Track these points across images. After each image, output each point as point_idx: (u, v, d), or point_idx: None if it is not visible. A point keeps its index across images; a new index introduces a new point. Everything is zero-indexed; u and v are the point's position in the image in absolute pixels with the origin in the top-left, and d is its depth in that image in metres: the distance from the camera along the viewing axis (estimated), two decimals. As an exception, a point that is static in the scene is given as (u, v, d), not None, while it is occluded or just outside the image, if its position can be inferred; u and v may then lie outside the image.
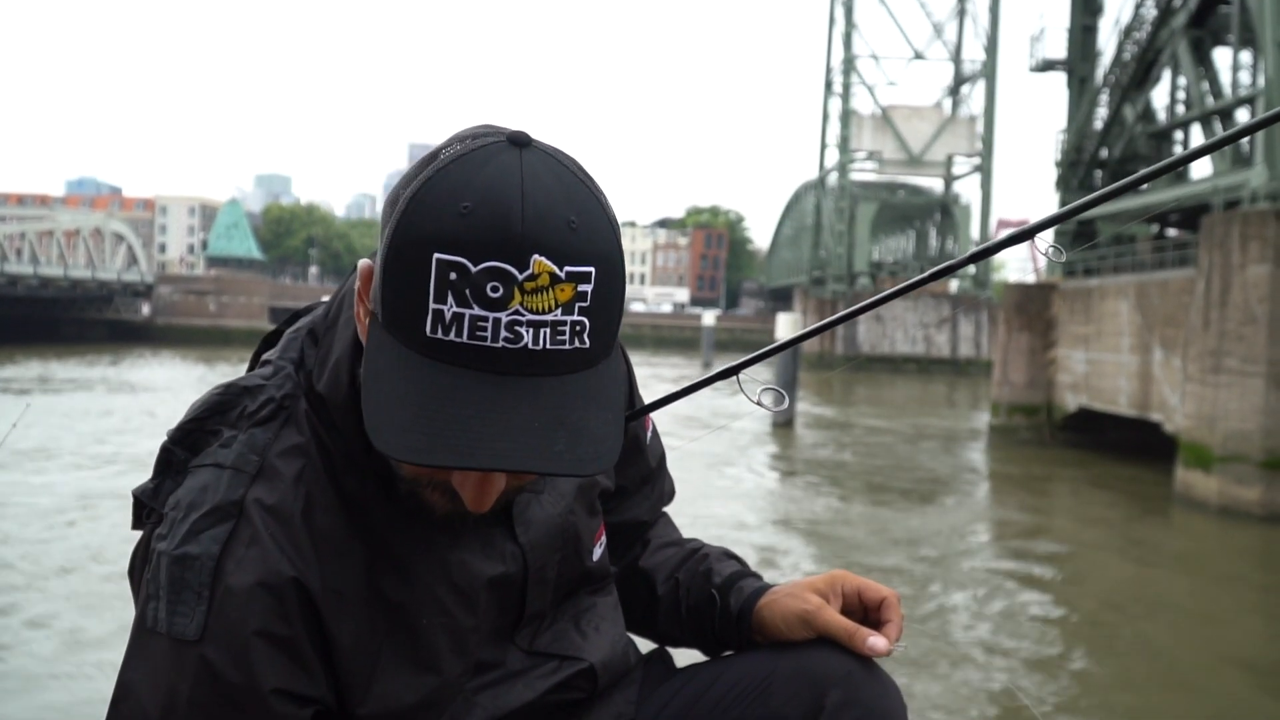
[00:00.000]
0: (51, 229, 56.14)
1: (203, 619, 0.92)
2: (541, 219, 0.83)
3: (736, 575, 1.25)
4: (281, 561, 0.95)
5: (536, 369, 0.84)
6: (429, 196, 0.84)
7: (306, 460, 1.00)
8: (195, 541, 0.95)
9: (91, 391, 27.57)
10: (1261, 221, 15.08)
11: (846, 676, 1.14)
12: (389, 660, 1.00)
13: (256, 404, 1.03)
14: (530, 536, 1.09)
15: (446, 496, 0.95)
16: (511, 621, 1.10)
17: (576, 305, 0.84)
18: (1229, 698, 7.76)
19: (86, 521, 11.13)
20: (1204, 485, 15.36)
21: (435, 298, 0.82)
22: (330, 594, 0.97)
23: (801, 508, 14.66)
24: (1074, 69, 27.35)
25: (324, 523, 0.99)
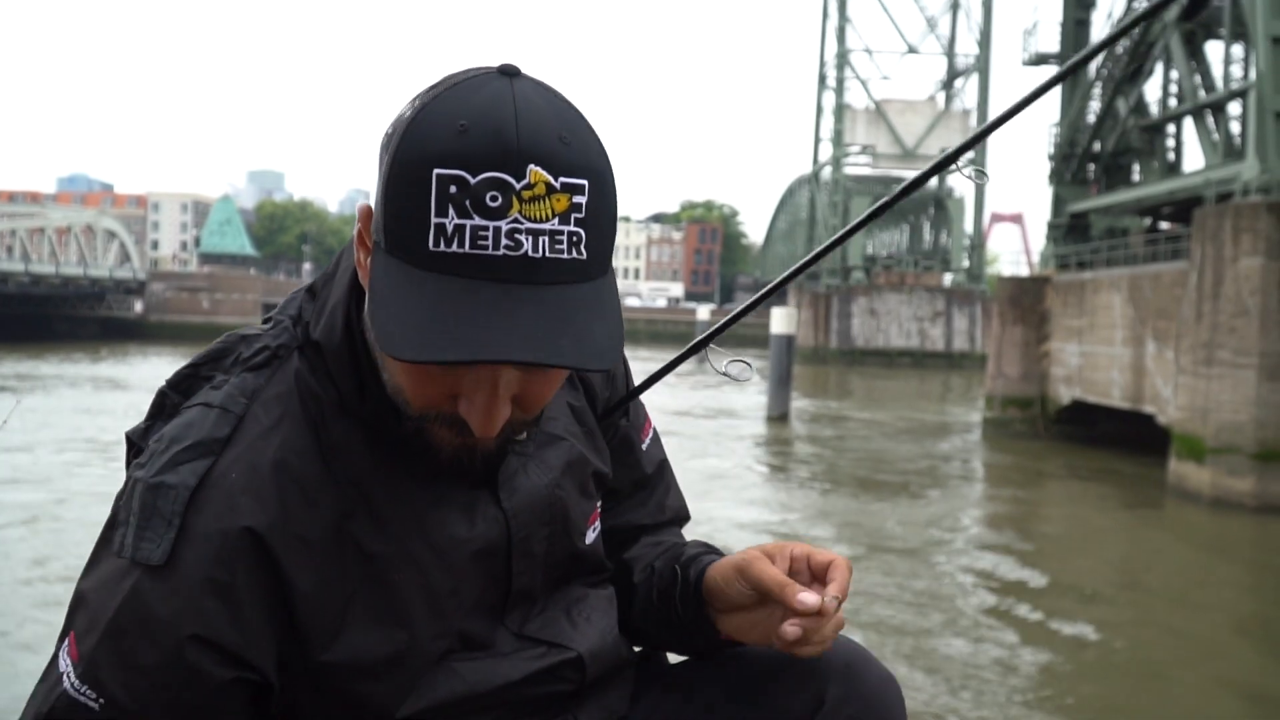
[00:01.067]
0: (43, 226, 56.02)
1: (169, 548, 0.94)
2: (535, 133, 0.86)
3: (703, 553, 1.21)
4: (238, 509, 0.96)
5: (537, 277, 0.86)
6: (426, 120, 0.87)
7: (289, 408, 1.02)
8: (174, 472, 0.96)
9: (81, 389, 27.51)
10: (1253, 214, 15.11)
11: (845, 670, 1.14)
12: (359, 611, 1.00)
13: (251, 351, 1.06)
14: (514, 503, 1.08)
15: (454, 430, 0.96)
16: (500, 597, 1.09)
17: (572, 216, 0.87)
18: (1223, 688, 7.79)
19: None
20: (1197, 477, 15.41)
21: (437, 212, 0.85)
22: (292, 540, 0.97)
23: (794, 501, 14.68)
24: (1067, 62, 27.34)
25: (298, 469, 0.99)
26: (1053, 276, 23.98)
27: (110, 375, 32.62)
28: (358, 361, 1.02)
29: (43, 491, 12.70)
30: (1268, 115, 17.00)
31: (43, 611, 8.04)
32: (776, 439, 21.69)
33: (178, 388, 1.06)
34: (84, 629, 0.94)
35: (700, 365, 1.13)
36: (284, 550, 0.97)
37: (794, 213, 78.79)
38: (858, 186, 59.80)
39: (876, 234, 72.13)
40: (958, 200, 58.39)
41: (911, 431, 23.98)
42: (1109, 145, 24.78)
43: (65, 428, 18.82)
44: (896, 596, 9.63)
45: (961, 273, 57.16)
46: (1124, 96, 23.84)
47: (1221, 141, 19.72)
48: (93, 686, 0.92)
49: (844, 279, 55.51)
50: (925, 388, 40.14)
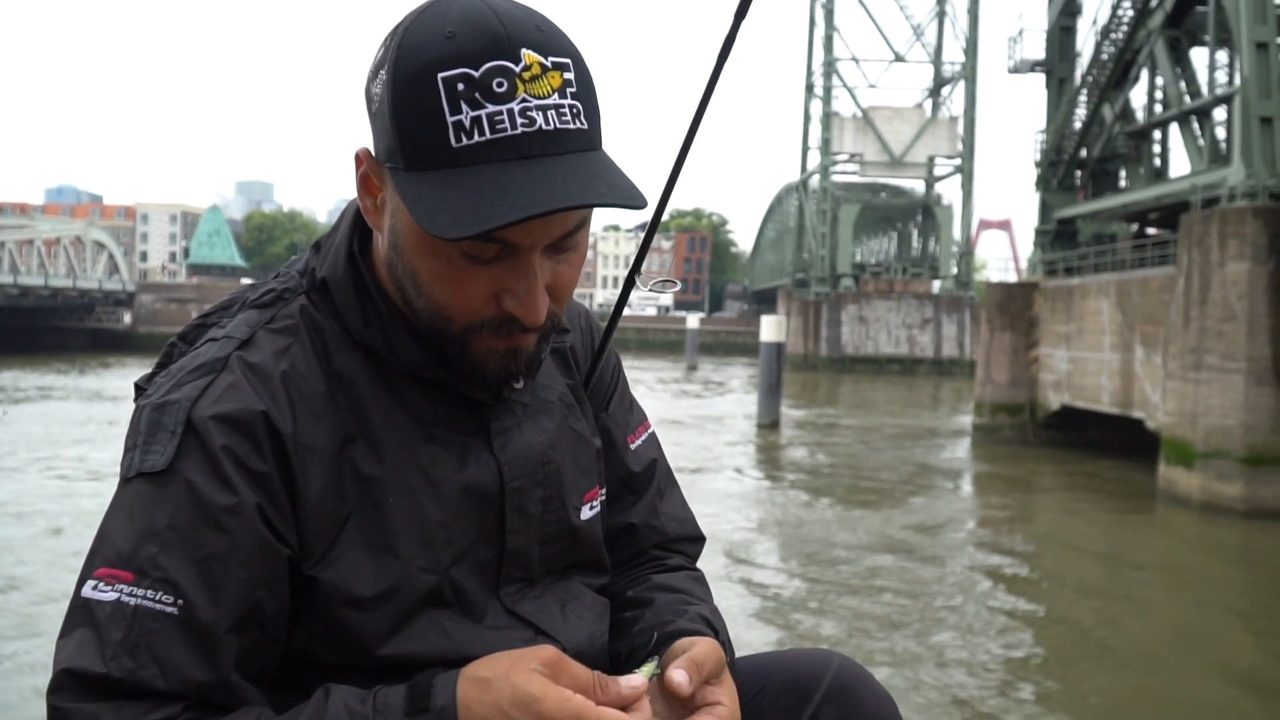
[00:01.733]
0: (31, 238, 55.87)
1: (174, 450, 0.96)
2: (516, 24, 0.93)
3: (690, 632, 1.12)
4: (255, 400, 0.99)
5: (556, 146, 0.92)
6: (412, 40, 0.93)
7: (295, 338, 1.06)
8: (177, 390, 1.00)
9: (68, 401, 27.40)
10: (1240, 219, 15.19)
11: (841, 690, 1.13)
12: (352, 533, 1.01)
13: (258, 294, 1.11)
14: (508, 453, 1.09)
15: (499, 334, 1.01)
16: (494, 556, 1.09)
17: (568, 90, 0.94)
18: (1211, 693, 7.81)
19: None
20: (1186, 482, 15.45)
21: (450, 111, 0.91)
22: (301, 446, 1.00)
23: (783, 508, 14.68)
24: (1053, 69, 27.47)
25: (305, 386, 1.03)
26: (1041, 282, 24.05)
27: (94, 388, 32.51)
28: (361, 291, 1.06)
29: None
30: (1253, 120, 17.10)
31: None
32: (767, 446, 21.69)
33: (186, 338, 1.10)
34: (126, 550, 0.94)
35: (690, 373, 1.13)
36: (295, 453, 1.00)
37: (782, 221, 78.87)
38: (846, 194, 59.91)
39: (865, 241, 72.27)
40: (946, 207, 58.52)
41: (901, 438, 24.01)
42: (1095, 151, 24.89)
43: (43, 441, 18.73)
44: (886, 603, 9.63)
45: (950, 279, 57.25)
46: (1110, 103, 23.95)
47: (1207, 147, 19.82)
48: (166, 589, 0.92)
49: (833, 286, 55.58)
50: (915, 394, 40.19)
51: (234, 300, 1.12)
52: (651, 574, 1.25)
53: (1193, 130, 20.52)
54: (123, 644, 0.91)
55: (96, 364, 44.39)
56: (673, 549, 1.30)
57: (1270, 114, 17.10)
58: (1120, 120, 23.83)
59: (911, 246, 63.87)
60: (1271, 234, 14.83)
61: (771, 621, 8.89)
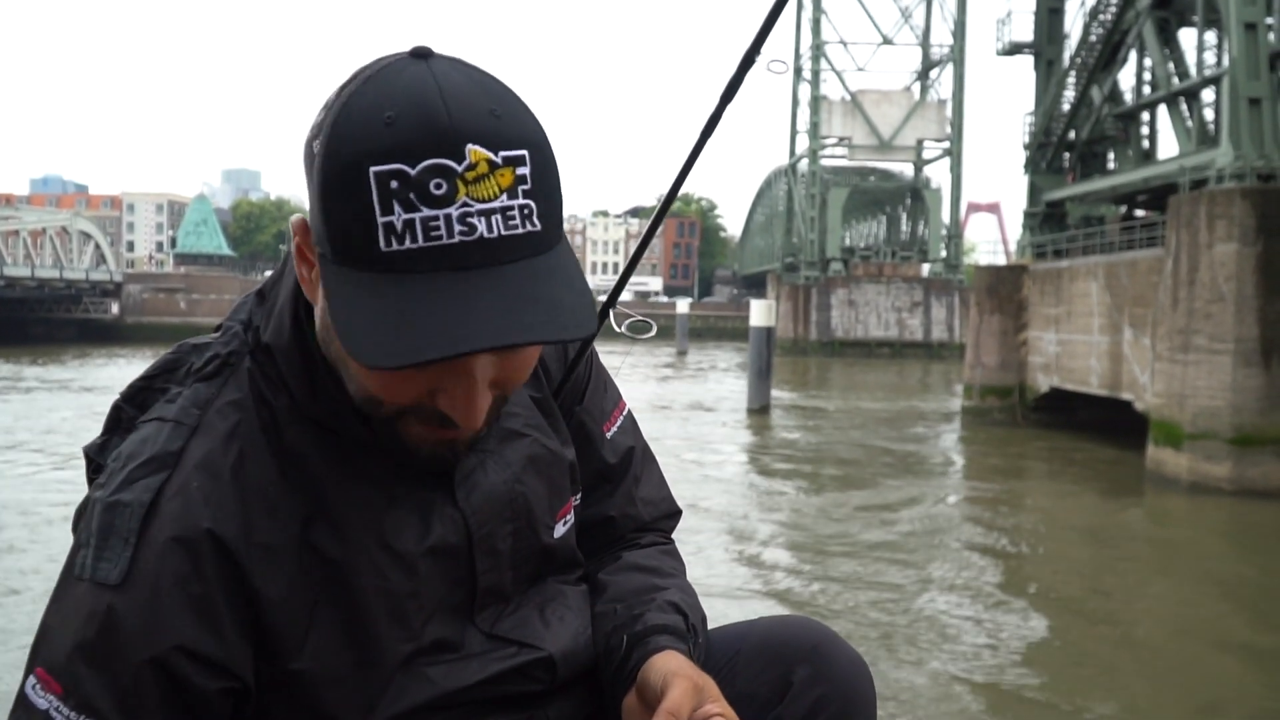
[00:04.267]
0: (17, 229, 55.47)
1: (126, 565, 0.92)
2: (465, 111, 0.84)
3: (659, 629, 1.11)
4: (201, 516, 0.95)
5: (497, 257, 0.84)
6: (349, 119, 0.84)
7: (244, 415, 1.00)
8: (129, 489, 0.95)
9: (57, 393, 27.29)
10: (1228, 200, 15.22)
11: (813, 651, 1.13)
12: (323, 617, 0.99)
13: (202, 360, 1.04)
14: (473, 503, 1.06)
15: (432, 426, 0.95)
16: (466, 597, 1.07)
17: (519, 189, 0.85)
18: (1200, 673, 7.86)
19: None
20: (1174, 462, 15.52)
21: (381, 211, 0.82)
22: (256, 548, 0.96)
23: (772, 492, 14.71)
24: (1041, 52, 27.47)
25: (256, 477, 0.98)
26: (1030, 265, 24.10)
27: (69, 378, 32.39)
28: (308, 361, 1.00)
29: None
30: (1241, 102, 17.13)
31: None
32: (757, 431, 21.73)
33: (132, 401, 1.05)
34: (60, 661, 0.92)
35: (680, 358, 1.12)
36: (249, 558, 0.96)
37: (771, 205, 78.85)
38: (835, 178, 59.88)
39: (854, 225, 72.28)
40: (935, 191, 58.53)
41: (891, 422, 24.06)
42: (1084, 134, 24.91)
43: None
44: (874, 583, 9.67)
45: (939, 263, 57.30)
46: (1098, 85, 23.96)
47: (1195, 128, 19.85)
48: (89, 715, 0.90)
49: (822, 270, 55.62)
50: (904, 378, 40.29)
51: (178, 362, 1.05)
52: (622, 551, 1.24)
53: (1181, 112, 20.55)
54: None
55: (75, 356, 44.23)
56: (648, 529, 1.28)
57: (1259, 95, 17.14)
58: (1109, 102, 23.86)
59: (900, 230, 63.92)
60: (1260, 215, 14.87)
61: (759, 599, 8.91)
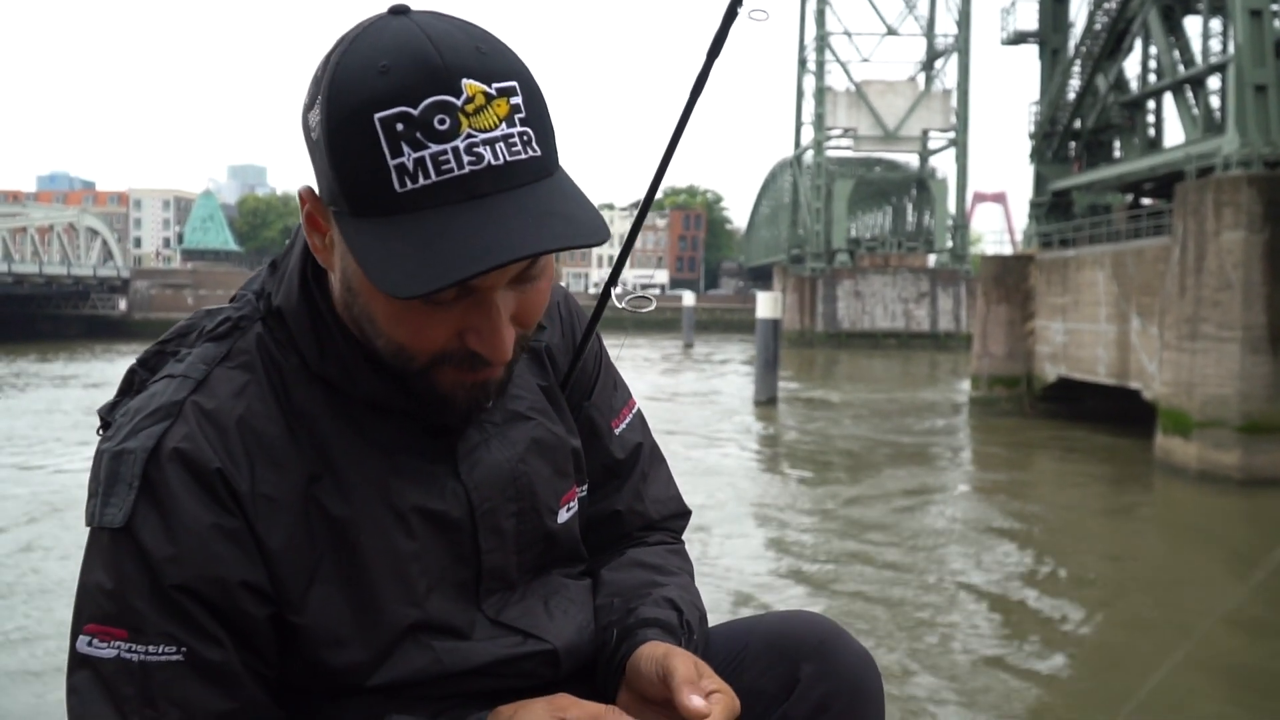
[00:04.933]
0: (25, 226, 55.58)
1: (130, 508, 0.94)
2: (455, 50, 0.87)
3: (649, 622, 1.12)
4: (210, 457, 0.97)
5: (507, 182, 0.87)
6: (342, 76, 0.88)
7: (252, 375, 1.03)
8: (134, 438, 0.97)
9: (66, 389, 27.38)
10: (1234, 188, 15.17)
11: (819, 646, 1.13)
12: (325, 574, 1.01)
13: (214, 324, 1.07)
14: (475, 477, 1.08)
15: (464, 369, 0.98)
16: (471, 576, 1.08)
17: (515, 117, 0.88)
18: (1210, 660, 7.85)
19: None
20: (1183, 451, 15.49)
21: (391, 154, 0.85)
22: (260, 498, 0.99)
23: (781, 483, 14.72)
24: (1046, 40, 27.38)
25: (263, 431, 1.01)
26: (1036, 255, 24.04)
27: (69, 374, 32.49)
28: (316, 321, 1.03)
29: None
30: (1247, 89, 17.05)
31: None
32: (764, 423, 21.73)
33: (146, 364, 1.07)
34: (114, 608, 0.94)
35: (686, 351, 1.13)
36: (253, 506, 0.98)
37: (777, 197, 78.66)
38: (840, 169, 59.74)
39: (860, 216, 72.13)
40: (940, 181, 58.40)
41: (899, 412, 24.05)
42: (1090, 122, 24.83)
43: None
44: (882, 574, 9.67)
45: (945, 253, 57.19)
46: (1104, 73, 23.88)
47: (1201, 116, 19.77)
48: (166, 641, 0.93)
49: (829, 262, 55.50)
50: (911, 369, 40.24)
51: (192, 327, 1.08)
52: (628, 548, 1.25)
53: (1187, 99, 20.47)
54: (139, 698, 0.93)
55: (85, 351, 44.33)
56: (656, 528, 1.29)
57: (1264, 82, 17.07)
58: (1114, 90, 23.77)
59: (906, 221, 63.78)
60: (1266, 202, 14.82)
61: (766, 591, 8.92)
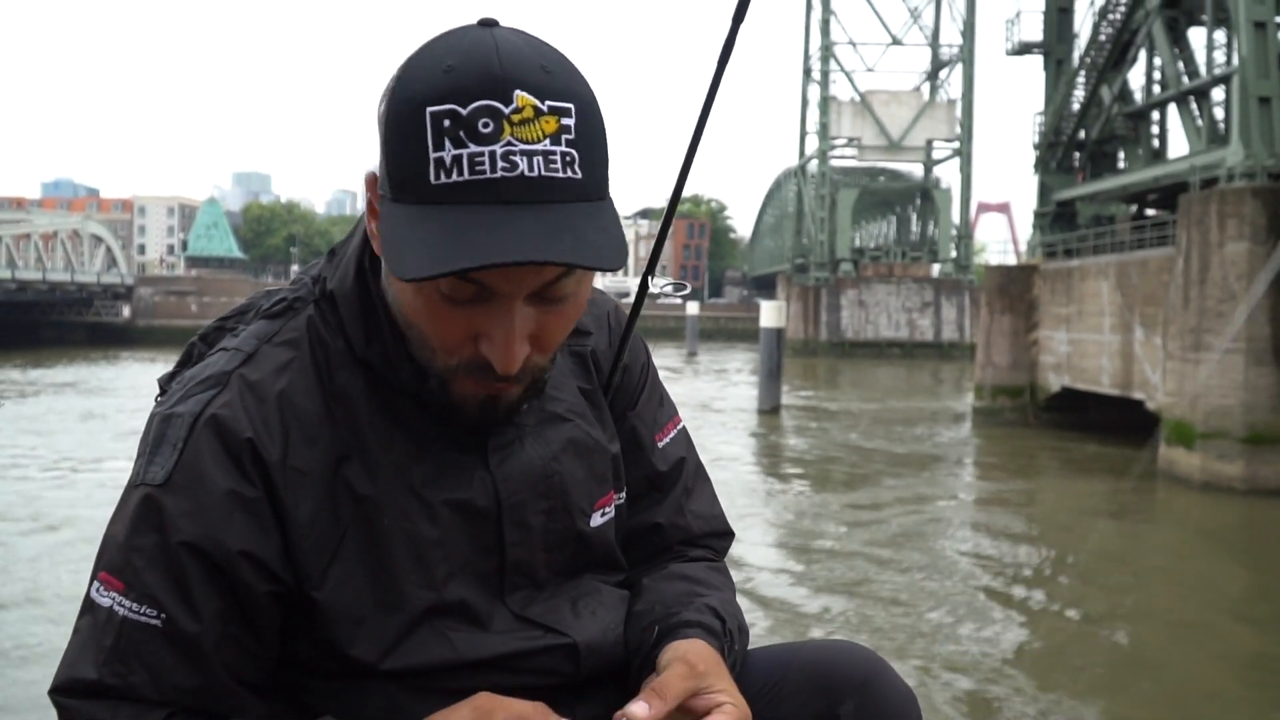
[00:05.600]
0: (29, 232, 55.73)
1: (171, 466, 0.99)
2: (518, 63, 0.90)
3: (692, 623, 1.12)
4: (243, 426, 1.01)
5: (536, 195, 0.89)
6: (414, 68, 0.92)
7: (298, 352, 1.07)
8: (184, 403, 1.03)
9: (64, 396, 27.41)
10: (1239, 199, 15.17)
11: (862, 685, 1.11)
12: (348, 551, 1.03)
13: (271, 302, 1.13)
14: (505, 470, 1.09)
15: (477, 378, 1.00)
16: (495, 568, 1.09)
17: (563, 137, 0.90)
18: (1211, 673, 7.83)
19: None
20: (1187, 462, 15.47)
21: (434, 147, 0.89)
22: (291, 470, 1.02)
23: (785, 493, 14.70)
24: (1051, 51, 27.41)
25: (301, 406, 1.05)
26: (1040, 265, 24.04)
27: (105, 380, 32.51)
28: (366, 307, 1.07)
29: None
30: (1251, 100, 17.07)
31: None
32: (768, 432, 21.72)
33: (205, 339, 1.15)
34: (118, 560, 0.99)
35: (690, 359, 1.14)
36: (282, 477, 1.02)
37: (781, 206, 78.71)
38: (844, 179, 59.79)
39: (864, 226, 72.17)
40: (945, 191, 58.43)
41: (902, 422, 24.02)
42: (1094, 133, 24.85)
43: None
44: (891, 586, 9.65)
45: (949, 263, 57.20)
46: (1108, 84, 23.90)
47: (1206, 127, 19.78)
48: (150, 604, 0.98)
49: (832, 271, 55.52)
50: (915, 378, 40.21)
51: (251, 305, 1.15)
52: (670, 563, 1.25)
53: (1191, 111, 20.48)
54: (113, 651, 0.98)
55: (84, 358, 44.39)
56: (698, 544, 1.29)
57: (1269, 94, 17.08)
58: (1118, 101, 23.79)
59: (910, 230, 63.78)
60: (1270, 214, 14.82)
61: (779, 605, 8.91)
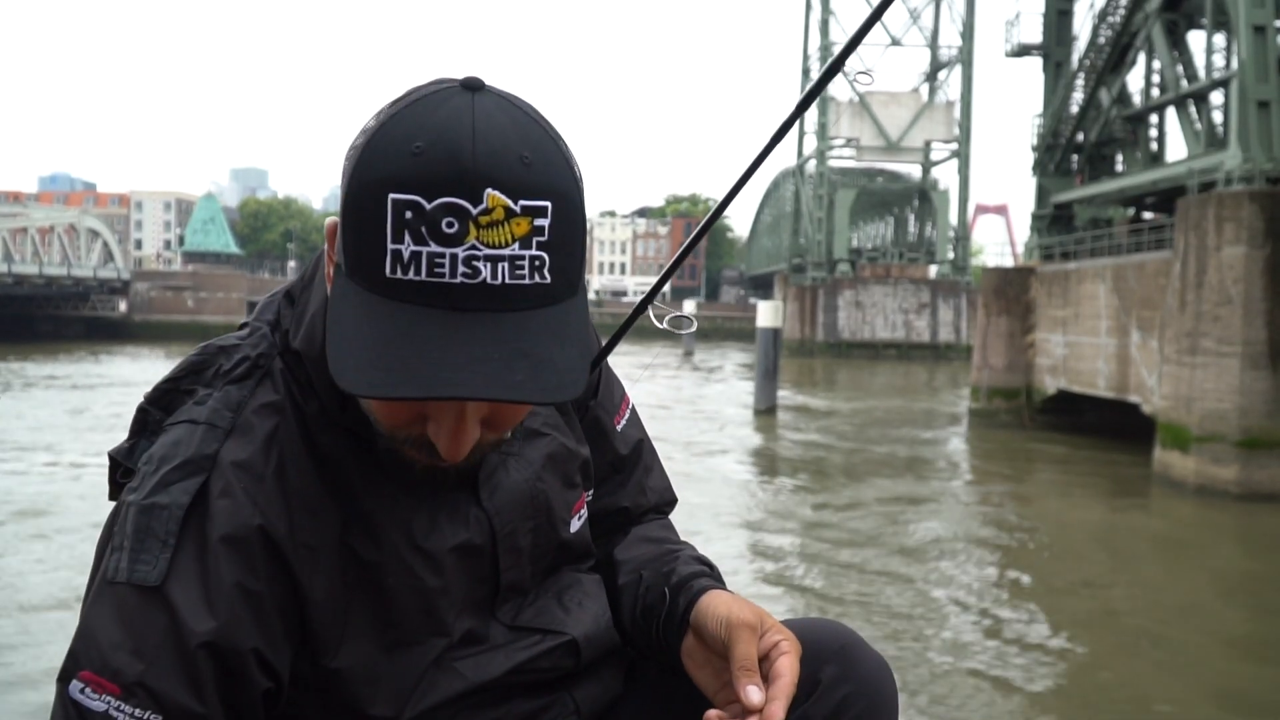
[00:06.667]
0: (25, 226, 55.67)
1: (166, 566, 0.92)
2: (493, 155, 0.84)
3: (694, 575, 1.17)
4: (251, 514, 0.96)
5: (496, 304, 0.85)
6: (382, 141, 0.86)
7: (281, 418, 1.01)
8: (165, 492, 0.95)
9: (60, 389, 27.37)
10: (1236, 203, 15.19)
11: (840, 651, 1.14)
12: (358, 616, 1.01)
13: (232, 363, 1.04)
14: (496, 502, 1.08)
15: (425, 452, 0.95)
16: (490, 593, 1.10)
17: (534, 240, 0.85)
18: (1208, 676, 7.84)
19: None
20: (1182, 465, 15.48)
21: (393, 238, 0.83)
22: (301, 548, 0.98)
23: (779, 493, 14.71)
24: (1050, 53, 27.42)
25: (297, 480, 0.99)
26: (1037, 267, 24.06)
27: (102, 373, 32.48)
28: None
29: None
30: (1250, 104, 17.08)
31: None
32: (763, 432, 21.72)
33: (157, 403, 1.04)
34: (109, 661, 0.92)
35: (687, 359, 1.13)
36: (296, 558, 0.97)
37: (779, 206, 78.72)
38: (842, 179, 59.81)
39: (862, 226, 72.19)
40: (943, 192, 58.48)
41: (898, 423, 24.04)
42: (1092, 136, 24.87)
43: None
44: (884, 586, 9.66)
45: (946, 264, 57.25)
46: (1107, 87, 23.92)
47: (1204, 131, 19.80)
48: (148, 708, 0.90)
49: (830, 272, 55.55)
50: (911, 379, 40.24)
51: (205, 364, 1.05)
52: (627, 529, 1.27)
53: (1189, 114, 20.50)
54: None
55: (84, 352, 44.34)
56: (649, 511, 1.32)
57: (1267, 98, 17.09)
58: (1117, 104, 23.81)
59: (908, 231, 63.85)
60: (1268, 218, 14.84)
61: (766, 602, 8.92)
